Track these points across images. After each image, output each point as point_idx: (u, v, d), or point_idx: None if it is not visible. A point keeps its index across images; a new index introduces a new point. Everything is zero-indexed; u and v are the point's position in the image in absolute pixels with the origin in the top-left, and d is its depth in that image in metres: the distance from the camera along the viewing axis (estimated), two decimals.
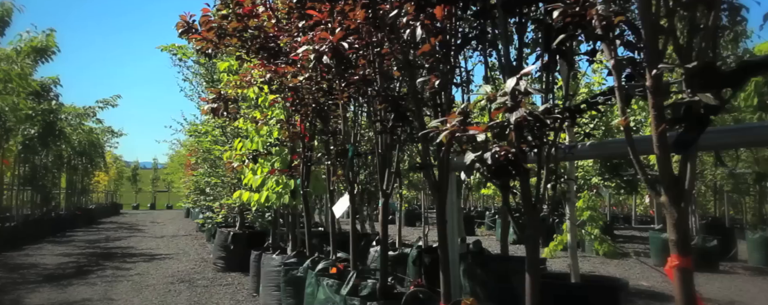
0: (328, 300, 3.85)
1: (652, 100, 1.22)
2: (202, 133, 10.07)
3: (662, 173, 1.23)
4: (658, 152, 1.23)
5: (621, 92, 1.34)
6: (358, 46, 2.95)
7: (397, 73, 3.20)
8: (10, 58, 9.22)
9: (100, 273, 8.44)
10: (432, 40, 2.15)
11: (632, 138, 1.36)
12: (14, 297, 6.60)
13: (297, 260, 5.30)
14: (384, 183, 3.32)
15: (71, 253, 11.43)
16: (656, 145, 1.22)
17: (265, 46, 3.99)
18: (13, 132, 11.97)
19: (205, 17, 3.72)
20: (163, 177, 41.04)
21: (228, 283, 7.49)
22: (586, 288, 3.72)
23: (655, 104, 1.22)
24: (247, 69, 6.76)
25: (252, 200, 6.40)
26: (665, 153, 1.22)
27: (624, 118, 1.34)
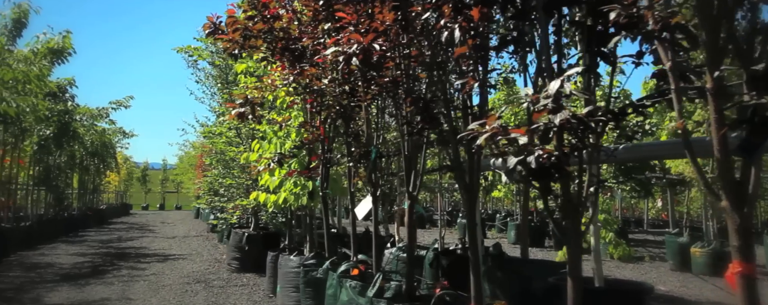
0: (352, 301, 3.85)
1: (714, 103, 1.21)
2: (216, 134, 10.12)
3: (723, 178, 1.22)
4: (719, 156, 1.22)
5: (679, 94, 1.33)
6: (386, 48, 2.95)
7: (422, 76, 3.20)
8: (28, 59, 9.32)
9: (116, 273, 8.50)
10: (469, 41, 2.15)
11: (690, 141, 1.35)
12: (34, 296, 6.65)
13: (316, 261, 5.30)
14: (410, 185, 3.31)
15: (86, 253, 11.52)
16: (717, 149, 1.21)
17: (289, 47, 4.00)
18: (29, 132, 12.09)
19: (231, 18, 3.74)
20: (173, 178, 41.28)
21: (243, 284, 7.52)
22: (612, 292, 3.70)
23: (717, 107, 1.21)
24: (267, 71, 6.81)
25: (268, 201, 6.42)
26: (726, 157, 1.21)
27: (681, 121, 1.32)
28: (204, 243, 13.45)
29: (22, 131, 11.57)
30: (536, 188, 1.89)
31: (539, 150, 1.80)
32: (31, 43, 10.81)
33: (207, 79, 12.40)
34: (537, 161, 1.79)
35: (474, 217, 2.78)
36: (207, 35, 3.88)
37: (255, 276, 8.14)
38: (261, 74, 6.98)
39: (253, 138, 8.82)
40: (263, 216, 8.72)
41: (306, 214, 6.20)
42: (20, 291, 6.98)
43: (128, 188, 37.90)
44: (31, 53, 10.21)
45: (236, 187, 9.19)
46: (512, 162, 1.84)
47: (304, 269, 5.10)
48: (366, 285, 3.93)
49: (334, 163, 5.20)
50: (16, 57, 9.12)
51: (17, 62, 9.04)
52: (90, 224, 20.43)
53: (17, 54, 9.80)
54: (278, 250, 6.71)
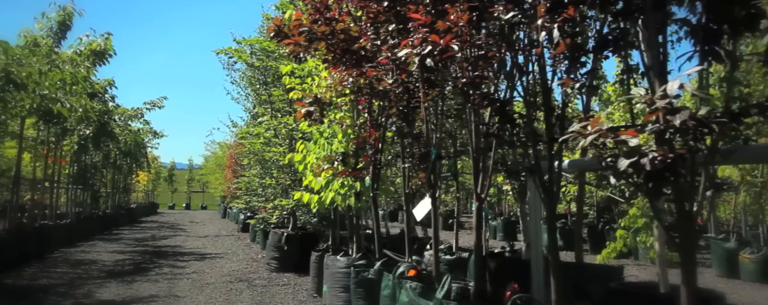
0: (412, 302, 3.86)
1: None
2: (252, 135, 10.25)
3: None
4: None
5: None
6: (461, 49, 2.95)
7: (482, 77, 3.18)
8: (74, 61, 9.57)
9: (158, 271, 8.66)
10: (566, 40, 2.14)
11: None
12: (85, 292, 6.83)
13: (366, 262, 5.33)
14: (478, 187, 3.31)
15: (124, 251, 11.77)
16: None
17: (350, 49, 4.04)
18: (70, 132, 12.42)
19: (296, 21, 3.79)
20: (198, 178, 41.90)
21: (285, 283, 7.59)
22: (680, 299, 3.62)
23: None
24: (312, 72, 6.88)
25: (312, 201, 6.48)
26: None
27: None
28: (237, 243, 13.62)
29: (63, 130, 11.91)
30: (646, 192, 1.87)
31: (653, 152, 1.78)
32: (74, 45, 11.12)
33: (242, 80, 12.59)
34: (652, 163, 1.77)
35: (554, 221, 2.76)
36: (272, 38, 3.94)
37: (294, 275, 8.22)
38: (305, 76, 7.06)
39: (291, 139, 8.92)
40: (302, 217, 8.79)
41: (352, 215, 6.23)
42: (71, 287, 7.17)
43: (155, 188, 38.61)
44: (75, 55, 10.49)
45: (274, 187, 9.29)
46: (624, 164, 1.82)
47: (355, 269, 5.13)
48: (426, 287, 3.94)
49: (385, 164, 5.22)
50: (62, 58, 9.37)
51: (63, 63, 9.30)
52: (122, 222, 20.89)
53: (62, 55, 10.08)
54: (322, 250, 6.77)
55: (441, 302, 3.19)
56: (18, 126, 9.46)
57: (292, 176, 8.77)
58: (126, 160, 21.08)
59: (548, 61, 2.54)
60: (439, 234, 8.43)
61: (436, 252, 4.01)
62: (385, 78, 3.77)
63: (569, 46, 2.12)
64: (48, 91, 6.78)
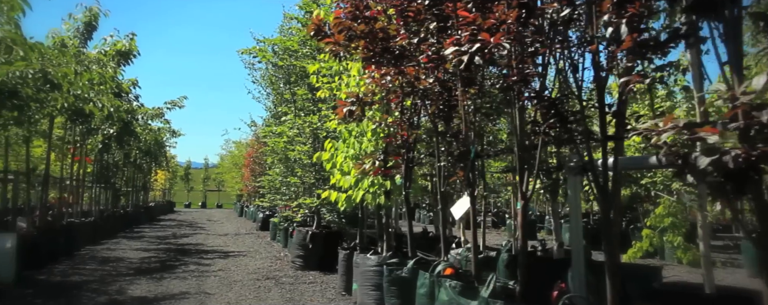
0: (452, 301, 3.85)
1: None
2: (275, 134, 10.30)
3: None
4: None
5: None
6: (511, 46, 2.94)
7: (534, 74, 3.16)
8: (101, 61, 9.70)
9: (185, 269, 8.75)
10: (634, 35, 2.11)
11: None
12: (117, 288, 6.93)
13: (398, 261, 5.33)
14: (523, 185, 3.29)
15: (148, 248, 11.92)
16: None
17: (388, 48, 4.03)
18: (93, 131, 12.60)
19: (337, 20, 3.80)
20: (214, 176, 42.27)
21: (312, 281, 7.62)
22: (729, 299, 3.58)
23: None
24: (338, 71, 6.89)
25: (340, 199, 6.50)
26: None
27: None
28: (257, 241, 13.71)
29: (88, 130, 12.09)
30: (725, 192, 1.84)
31: (736, 150, 1.75)
32: (99, 45, 11.27)
33: (262, 79, 12.68)
34: (735, 161, 1.74)
35: (610, 220, 2.73)
36: (312, 37, 3.95)
37: (320, 273, 8.25)
38: (332, 74, 7.08)
39: (315, 138, 8.95)
40: (326, 215, 8.83)
41: (382, 213, 6.24)
42: (103, 284, 7.28)
43: (172, 187, 39.02)
44: (101, 55, 10.63)
45: (297, 186, 9.34)
46: (704, 162, 1.80)
47: (388, 268, 5.13)
48: (466, 285, 3.93)
49: (417, 162, 5.22)
50: (89, 59, 9.49)
51: (90, 64, 9.43)
52: (142, 220, 21.15)
53: (88, 56, 10.22)
54: (350, 249, 6.78)
55: (487, 301, 3.18)
56: (46, 125, 9.62)
57: (316, 174, 8.80)
58: (145, 159, 21.35)
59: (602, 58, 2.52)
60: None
61: (476, 251, 4.00)
62: (423, 77, 3.76)
63: (636, 42, 2.09)
64: (81, 91, 6.89)
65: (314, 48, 9.40)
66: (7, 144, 8.33)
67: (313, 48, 9.36)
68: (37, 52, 6.21)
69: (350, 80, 6.49)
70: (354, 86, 6.51)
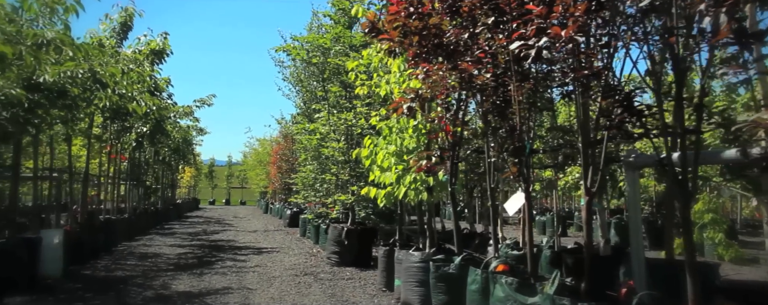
0: (509, 298, 3.83)
1: None
2: (308, 131, 10.37)
3: None
4: None
5: None
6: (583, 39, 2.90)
7: (607, 68, 3.11)
8: (137, 60, 9.87)
9: (222, 264, 8.88)
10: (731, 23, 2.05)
11: None
12: (161, 283, 7.06)
13: (444, 257, 5.33)
14: (587, 180, 3.25)
15: (182, 245, 12.12)
16: None
17: (441, 44, 4.02)
18: (127, 130, 12.84)
19: (392, 16, 3.80)
20: (237, 174, 42.77)
21: (349, 277, 7.66)
22: None
23: None
24: (376, 68, 6.90)
25: (379, 196, 6.52)
26: None
27: None
28: (288, 237, 13.84)
29: (123, 128, 12.32)
30: None
31: None
32: (133, 44, 11.47)
33: (291, 77, 12.77)
34: None
35: (688, 217, 2.68)
36: (366, 34, 3.96)
37: (356, 269, 8.29)
38: (371, 72, 7.09)
39: (349, 135, 8.98)
40: (360, 212, 8.86)
41: (425, 209, 6.24)
42: (147, 278, 7.43)
43: (197, 184, 39.61)
44: (136, 54, 10.82)
45: (329, 183, 9.39)
46: None
47: (435, 264, 5.13)
48: (522, 282, 3.91)
49: (462, 158, 5.19)
50: (127, 58, 9.67)
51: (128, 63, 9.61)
52: (171, 217, 21.52)
53: (124, 55, 10.42)
54: (390, 245, 6.80)
55: (553, 298, 3.15)
56: (85, 124, 9.84)
57: (351, 171, 8.84)
58: (174, 157, 21.69)
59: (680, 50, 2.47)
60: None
61: (531, 247, 3.97)
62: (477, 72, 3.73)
63: (735, 32, 2.04)
64: (126, 90, 7.04)
65: (347, 45, 9.43)
66: (51, 142, 8.54)
67: (346, 45, 9.40)
68: (83, 53, 6.35)
69: (390, 77, 6.50)
70: (394, 82, 6.52)
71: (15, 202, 7.00)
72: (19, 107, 5.86)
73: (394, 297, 6.21)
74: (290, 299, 6.15)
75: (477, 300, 4.33)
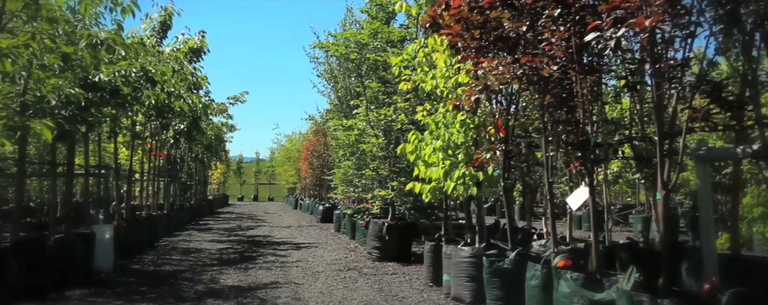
0: (575, 293, 3.78)
1: None
2: (345, 127, 10.41)
3: None
4: None
5: None
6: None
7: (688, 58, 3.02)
8: (178, 59, 10.05)
9: (264, 260, 8.99)
10: None
11: None
12: (209, 277, 7.20)
13: (497, 252, 5.29)
14: (664, 174, 3.17)
15: (220, 240, 12.34)
16: None
17: (502, 37, 3.97)
18: (166, 127, 13.11)
19: (454, 10, 3.77)
20: (266, 170, 43.31)
21: (392, 272, 7.68)
22: None
23: None
24: (421, 63, 6.86)
25: (424, 191, 6.51)
26: None
27: None
28: (322, 233, 13.95)
29: (163, 125, 12.58)
30: None
31: None
32: (171, 43, 11.68)
33: (326, 73, 12.83)
34: None
35: None
36: (427, 29, 3.94)
37: (397, 264, 8.31)
38: (415, 66, 7.07)
39: (389, 131, 8.98)
40: (401, 207, 8.87)
41: (475, 204, 6.20)
42: (194, 273, 7.59)
43: (226, 180, 40.27)
44: (176, 52, 11.02)
45: (371, 178, 9.42)
46: None
47: (489, 259, 5.09)
48: (589, 278, 3.85)
49: (516, 153, 5.13)
50: (171, 56, 9.85)
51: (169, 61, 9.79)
52: (205, 213, 21.94)
53: (165, 54, 10.61)
54: (436, 240, 6.79)
55: (630, 294, 3.08)
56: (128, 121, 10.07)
57: (391, 167, 8.85)
58: (206, 153, 22.08)
59: None
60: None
61: (596, 242, 3.90)
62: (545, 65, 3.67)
63: None
64: (174, 88, 7.18)
65: (385, 41, 9.42)
66: (99, 140, 8.78)
67: (383, 41, 9.39)
68: (132, 52, 6.49)
69: (436, 72, 6.46)
70: (440, 77, 6.49)
71: (70, 198, 7.22)
72: (76, 105, 6.03)
73: (442, 292, 6.20)
74: (339, 293, 6.19)
75: (537, 296, 4.28)
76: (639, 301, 3.01)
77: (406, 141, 7.79)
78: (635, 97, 4.23)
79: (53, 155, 6.56)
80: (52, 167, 6.58)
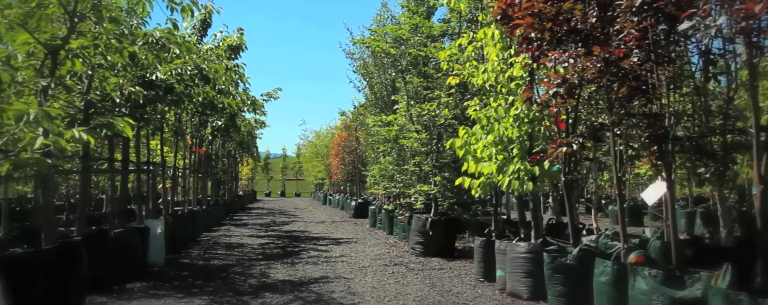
0: (655, 290, 3.69)
1: None
2: (384, 123, 10.41)
3: None
4: None
5: None
6: None
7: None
8: (220, 56, 10.17)
9: (308, 255, 9.07)
10: None
11: None
12: (259, 272, 7.30)
13: (558, 248, 5.22)
14: (761, 167, 3.07)
15: (260, 235, 12.50)
16: None
17: (575, 29, 3.89)
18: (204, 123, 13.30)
19: (528, 2, 3.71)
20: (292, 166, 43.70)
21: (439, 267, 7.66)
22: None
23: None
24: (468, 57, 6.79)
25: (473, 186, 6.46)
26: None
27: None
28: (357, 228, 14.00)
29: (202, 122, 12.78)
30: None
31: None
32: (210, 41, 11.83)
33: (361, 68, 12.83)
34: None
35: None
36: (498, 22, 3.89)
37: (442, 260, 8.28)
38: (464, 60, 7.01)
39: (432, 126, 8.93)
40: (445, 202, 8.83)
41: (531, 199, 6.13)
42: (243, 267, 7.70)
43: (254, 176, 40.79)
44: (218, 49, 11.15)
45: (412, 173, 9.40)
46: None
47: (551, 255, 5.03)
48: (668, 275, 3.76)
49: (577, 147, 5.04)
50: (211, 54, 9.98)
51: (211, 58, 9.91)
52: (237, 209, 22.24)
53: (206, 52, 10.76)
54: (486, 235, 6.75)
55: (726, 293, 2.99)
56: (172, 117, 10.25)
57: (434, 161, 8.81)
58: (238, 149, 22.37)
59: None
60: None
61: (676, 238, 3.80)
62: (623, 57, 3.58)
63: None
64: (224, 85, 7.28)
65: (425, 35, 9.37)
66: (148, 136, 8.95)
67: (424, 36, 9.34)
68: (185, 50, 6.59)
69: (488, 65, 6.40)
70: (492, 71, 6.42)
71: (126, 193, 7.38)
72: (133, 103, 6.15)
73: (496, 288, 6.15)
74: (392, 288, 6.20)
75: (608, 293, 4.20)
76: (737, 301, 2.92)
77: (451, 136, 7.76)
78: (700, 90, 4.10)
79: (111, 151, 6.71)
80: (111, 163, 6.73)
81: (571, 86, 3.67)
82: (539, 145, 6.07)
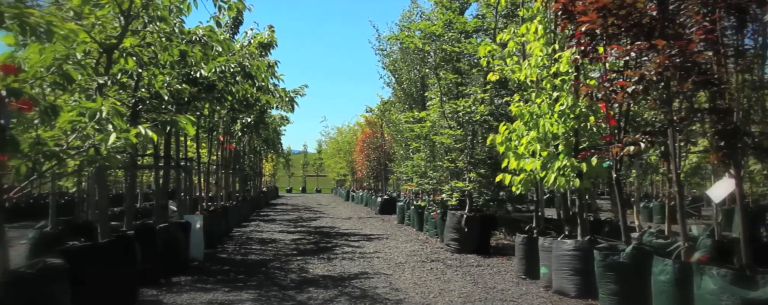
0: (725, 290, 3.59)
1: None
2: (416, 119, 10.37)
3: None
4: None
5: None
6: None
7: None
8: (253, 54, 10.23)
9: (342, 250, 9.10)
10: None
11: None
12: (297, 267, 7.34)
13: (608, 246, 5.14)
14: None
15: (290, 231, 12.59)
16: None
17: (638, 23, 3.80)
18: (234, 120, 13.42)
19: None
20: (313, 162, 43.95)
21: (478, 264, 7.61)
22: None
23: None
24: (509, 53, 6.71)
25: (514, 182, 6.39)
26: None
27: None
28: (385, 224, 14.01)
29: (232, 119, 12.89)
30: None
31: None
32: (240, 38, 11.92)
33: (391, 65, 12.80)
34: None
35: None
36: (561, 18, 3.82)
37: (478, 257, 8.23)
38: (504, 56, 6.93)
39: (468, 123, 8.87)
40: (480, 199, 8.77)
41: (577, 197, 6.04)
42: (281, 262, 7.76)
43: (276, 172, 41.13)
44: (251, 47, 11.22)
45: (446, 170, 9.35)
46: None
47: (602, 253, 4.95)
48: (737, 275, 3.66)
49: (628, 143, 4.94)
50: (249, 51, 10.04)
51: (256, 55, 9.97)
52: (262, 205, 22.47)
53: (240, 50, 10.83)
54: (527, 232, 6.68)
55: None
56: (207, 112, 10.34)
57: (469, 158, 8.75)
58: (263, 146, 22.56)
59: None
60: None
61: (745, 237, 3.70)
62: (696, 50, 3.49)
63: None
64: (264, 82, 7.32)
65: (459, 31, 9.29)
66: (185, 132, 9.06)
67: (458, 31, 9.26)
68: (226, 47, 6.64)
69: (531, 61, 6.31)
70: (535, 66, 6.33)
71: (167, 188, 7.49)
72: (177, 100, 6.22)
73: (540, 285, 6.09)
74: (434, 285, 6.18)
75: (668, 292, 4.12)
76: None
77: (486, 133, 7.68)
78: None
79: (157, 148, 6.80)
80: (156, 159, 6.83)
81: (649, 83, 3.58)
82: (585, 141, 5.97)
